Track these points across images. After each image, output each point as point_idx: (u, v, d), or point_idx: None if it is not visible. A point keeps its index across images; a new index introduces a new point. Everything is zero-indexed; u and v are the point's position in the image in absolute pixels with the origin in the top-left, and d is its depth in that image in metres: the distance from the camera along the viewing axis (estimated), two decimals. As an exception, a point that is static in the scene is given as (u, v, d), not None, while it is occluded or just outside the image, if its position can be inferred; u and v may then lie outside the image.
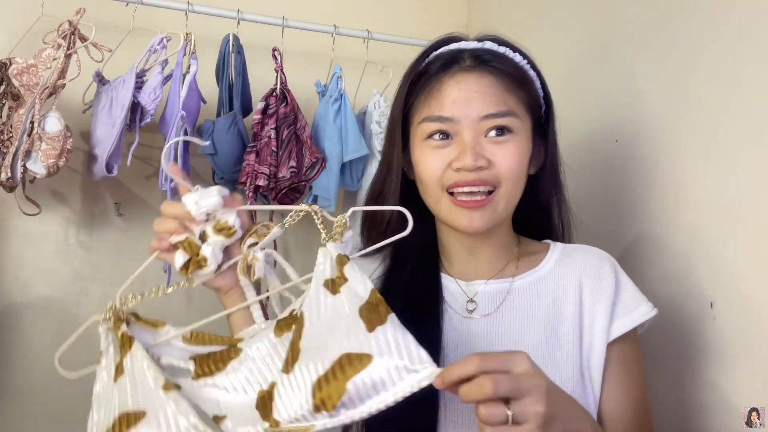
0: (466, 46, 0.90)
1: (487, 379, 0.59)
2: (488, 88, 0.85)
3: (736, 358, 0.96)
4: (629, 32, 1.22)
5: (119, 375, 0.70)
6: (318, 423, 0.63)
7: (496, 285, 0.90)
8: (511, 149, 0.84)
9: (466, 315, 0.89)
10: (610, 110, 1.26)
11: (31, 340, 1.48)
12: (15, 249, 1.49)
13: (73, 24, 1.29)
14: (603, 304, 0.85)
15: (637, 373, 0.87)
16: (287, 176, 1.42)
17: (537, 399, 0.60)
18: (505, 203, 0.85)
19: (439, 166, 0.85)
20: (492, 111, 0.84)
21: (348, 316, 0.66)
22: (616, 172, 1.23)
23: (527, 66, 0.91)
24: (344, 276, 0.70)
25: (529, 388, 0.60)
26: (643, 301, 0.87)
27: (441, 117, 0.85)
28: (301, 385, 0.64)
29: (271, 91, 1.45)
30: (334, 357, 0.63)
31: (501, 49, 0.89)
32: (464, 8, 1.93)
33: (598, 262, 0.89)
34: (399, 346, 0.62)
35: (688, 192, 1.07)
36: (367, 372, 0.61)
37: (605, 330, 0.84)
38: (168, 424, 0.65)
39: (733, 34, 1.00)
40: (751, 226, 0.95)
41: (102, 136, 1.33)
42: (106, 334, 0.72)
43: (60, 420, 1.50)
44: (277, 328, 0.73)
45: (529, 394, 0.60)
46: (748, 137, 0.96)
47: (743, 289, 0.96)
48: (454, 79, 0.85)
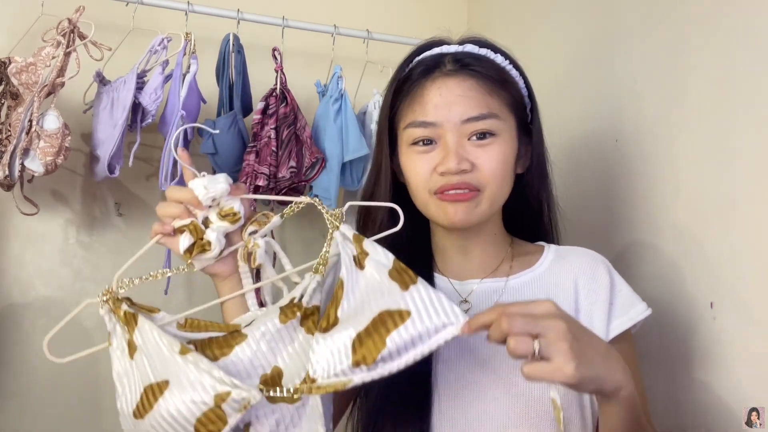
0: (447, 50, 0.91)
1: (504, 318, 0.64)
2: (469, 91, 0.86)
3: (735, 358, 0.96)
4: (629, 32, 1.22)
5: (133, 351, 0.71)
6: (356, 377, 0.65)
7: (491, 284, 0.91)
8: (494, 152, 0.85)
9: None
10: (610, 110, 1.26)
11: (31, 340, 1.48)
12: (15, 249, 1.49)
13: (72, 22, 1.29)
14: (599, 304, 0.87)
15: (633, 371, 0.87)
16: (287, 176, 1.42)
17: (559, 336, 0.63)
18: (489, 204, 0.87)
19: (425, 171, 0.87)
20: (473, 114, 0.85)
21: (380, 282, 0.69)
22: (615, 172, 1.23)
23: (509, 66, 0.91)
24: (365, 251, 0.72)
25: (549, 326, 0.64)
26: (638, 300, 0.89)
27: (424, 122, 0.86)
28: (338, 343, 0.66)
29: (271, 91, 1.45)
30: (373, 314, 0.66)
31: (482, 52, 0.90)
32: (464, 8, 1.93)
33: (593, 263, 0.90)
34: (433, 302, 0.67)
35: (687, 192, 1.07)
36: (405, 327, 0.65)
37: (603, 329, 0.85)
38: (193, 386, 0.66)
39: (732, 34, 1.00)
40: (751, 225, 0.95)
41: (104, 137, 1.33)
42: (109, 316, 0.74)
43: (60, 420, 1.50)
44: (282, 315, 0.73)
45: (551, 331, 0.63)
46: (746, 137, 0.96)
47: (743, 288, 0.96)
48: (436, 84, 0.87)
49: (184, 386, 0.66)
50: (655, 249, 1.13)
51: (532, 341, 0.63)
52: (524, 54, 1.00)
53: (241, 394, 0.66)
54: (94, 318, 1.50)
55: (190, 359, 0.68)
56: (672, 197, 1.09)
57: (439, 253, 0.96)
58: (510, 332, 0.63)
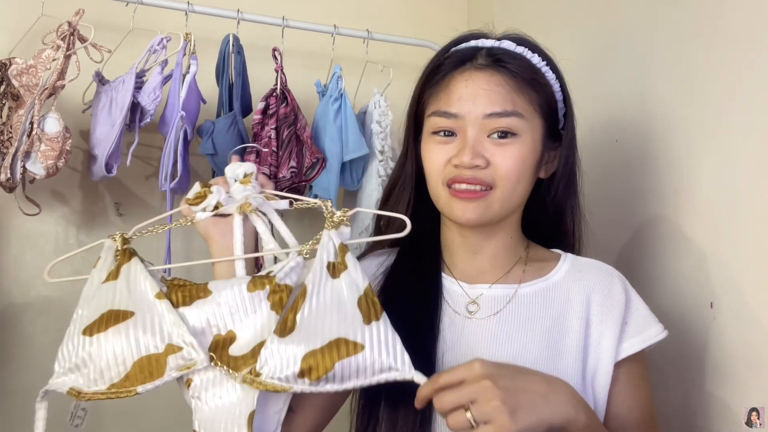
0: (484, 44, 0.90)
1: (435, 400, 0.68)
2: (496, 86, 0.84)
3: (735, 358, 0.96)
4: (629, 32, 1.22)
5: (112, 279, 0.76)
6: (297, 387, 0.69)
7: (501, 290, 0.89)
8: (512, 152, 0.83)
9: (467, 315, 0.88)
10: (610, 110, 1.26)
11: (31, 340, 1.48)
12: (15, 249, 1.49)
13: (72, 25, 1.29)
14: (612, 323, 0.84)
15: (644, 392, 0.87)
16: (287, 176, 1.42)
17: (488, 397, 0.65)
18: (500, 205, 0.85)
19: (440, 161, 0.86)
20: (496, 110, 0.83)
21: (347, 304, 0.72)
22: (615, 172, 1.23)
23: (546, 68, 0.90)
24: (345, 263, 0.75)
25: (476, 390, 0.65)
26: (654, 321, 0.87)
27: (447, 112, 0.85)
28: (290, 351, 0.69)
29: (272, 91, 1.45)
30: (331, 337, 0.69)
31: (518, 49, 0.89)
32: (464, 8, 1.93)
33: (609, 279, 0.88)
34: (388, 343, 0.71)
35: (687, 191, 1.07)
36: (356, 359, 0.69)
37: (613, 349, 0.83)
38: (153, 327, 0.71)
39: (733, 34, 1.00)
40: (751, 226, 0.95)
41: (101, 137, 1.33)
42: (110, 247, 0.80)
43: (60, 420, 1.50)
44: (251, 283, 0.76)
45: (480, 394, 0.65)
46: (747, 137, 0.96)
47: (743, 289, 0.96)
48: (464, 76, 0.86)
49: (146, 324, 0.71)
50: (654, 249, 1.13)
51: (465, 413, 0.65)
52: (524, 54, 1.00)
53: (191, 354, 0.70)
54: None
55: (162, 304, 0.73)
56: (672, 197, 1.09)
57: (449, 251, 0.94)
58: (443, 412, 0.67)
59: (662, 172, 1.12)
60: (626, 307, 0.86)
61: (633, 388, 0.85)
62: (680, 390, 1.05)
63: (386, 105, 1.55)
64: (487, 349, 0.85)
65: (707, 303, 1.01)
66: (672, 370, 1.06)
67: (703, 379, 1.01)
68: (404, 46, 1.64)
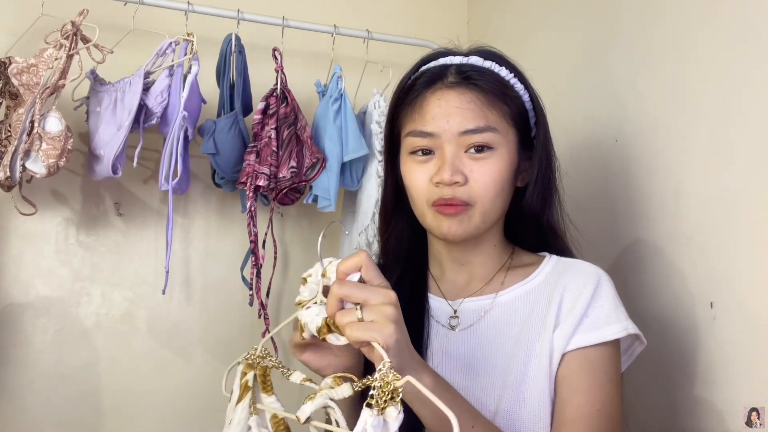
0: (452, 61, 0.91)
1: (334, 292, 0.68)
2: (468, 103, 0.86)
3: (735, 358, 0.96)
4: (629, 32, 1.22)
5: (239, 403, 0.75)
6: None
7: (479, 301, 0.92)
8: (489, 167, 0.85)
9: (449, 328, 0.92)
10: (610, 110, 1.26)
11: (31, 340, 1.47)
12: (15, 249, 1.49)
13: (75, 24, 1.29)
14: (572, 317, 0.84)
15: (596, 382, 0.83)
16: (287, 176, 1.42)
17: (385, 301, 0.66)
18: (481, 219, 0.87)
19: (422, 182, 0.88)
20: (470, 127, 0.85)
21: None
22: (615, 173, 1.23)
23: (514, 79, 0.91)
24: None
25: (376, 294, 0.66)
26: (617, 321, 0.84)
27: (423, 132, 0.87)
28: None
29: (272, 91, 1.45)
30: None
31: (486, 64, 0.90)
32: (464, 8, 1.93)
33: (584, 278, 0.87)
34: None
35: (687, 192, 1.07)
36: None
37: (566, 338, 0.83)
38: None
39: (732, 34, 1.00)
40: (751, 226, 0.95)
41: (107, 138, 1.33)
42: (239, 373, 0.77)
43: (60, 420, 1.50)
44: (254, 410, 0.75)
45: (376, 298, 0.66)
46: (747, 137, 0.96)
47: (743, 289, 0.96)
48: (436, 95, 0.88)
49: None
50: (655, 249, 1.13)
51: (356, 311, 0.66)
52: (524, 54, 1.01)
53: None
54: (94, 317, 1.51)
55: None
56: (672, 197, 1.09)
57: (436, 261, 0.98)
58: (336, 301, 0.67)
59: (662, 171, 1.12)
60: (590, 302, 0.84)
61: (585, 375, 0.82)
62: (680, 390, 1.05)
63: (386, 105, 1.55)
64: (465, 359, 0.88)
65: (707, 303, 1.01)
66: (672, 370, 1.06)
67: (703, 379, 1.01)
68: (404, 46, 1.64)
